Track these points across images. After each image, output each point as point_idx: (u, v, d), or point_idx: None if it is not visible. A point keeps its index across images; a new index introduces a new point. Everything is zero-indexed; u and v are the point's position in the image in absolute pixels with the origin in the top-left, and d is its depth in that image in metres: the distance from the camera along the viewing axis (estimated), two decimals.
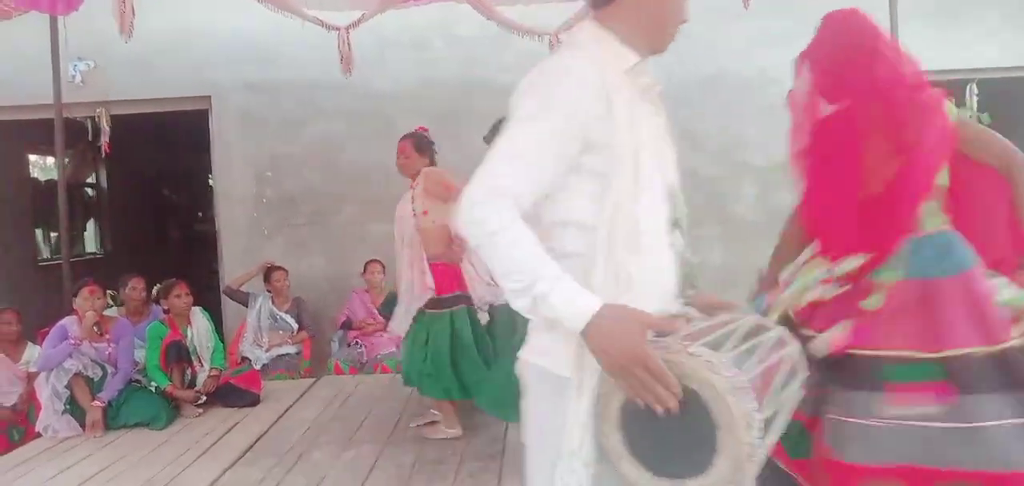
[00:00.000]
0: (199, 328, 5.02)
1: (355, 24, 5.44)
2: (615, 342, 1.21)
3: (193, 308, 5.06)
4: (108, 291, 4.95)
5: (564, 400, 1.30)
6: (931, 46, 6.09)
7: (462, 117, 6.26)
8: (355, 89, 5.96)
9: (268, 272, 6.07)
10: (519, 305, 1.29)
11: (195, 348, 4.94)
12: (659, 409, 1.19)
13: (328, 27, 5.40)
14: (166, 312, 5.03)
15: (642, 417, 1.23)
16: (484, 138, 4.11)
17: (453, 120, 6.26)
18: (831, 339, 1.92)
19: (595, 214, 1.32)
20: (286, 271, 6.10)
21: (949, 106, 1.99)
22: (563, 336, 1.29)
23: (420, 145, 4.14)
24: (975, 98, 6.48)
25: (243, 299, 6.02)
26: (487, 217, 1.27)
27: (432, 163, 4.14)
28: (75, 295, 4.65)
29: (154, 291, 5.40)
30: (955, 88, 6.51)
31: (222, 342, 5.34)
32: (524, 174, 1.31)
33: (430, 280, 4.02)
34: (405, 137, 4.17)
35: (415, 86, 6.33)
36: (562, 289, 1.24)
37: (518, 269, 1.26)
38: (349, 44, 5.47)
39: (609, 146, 1.32)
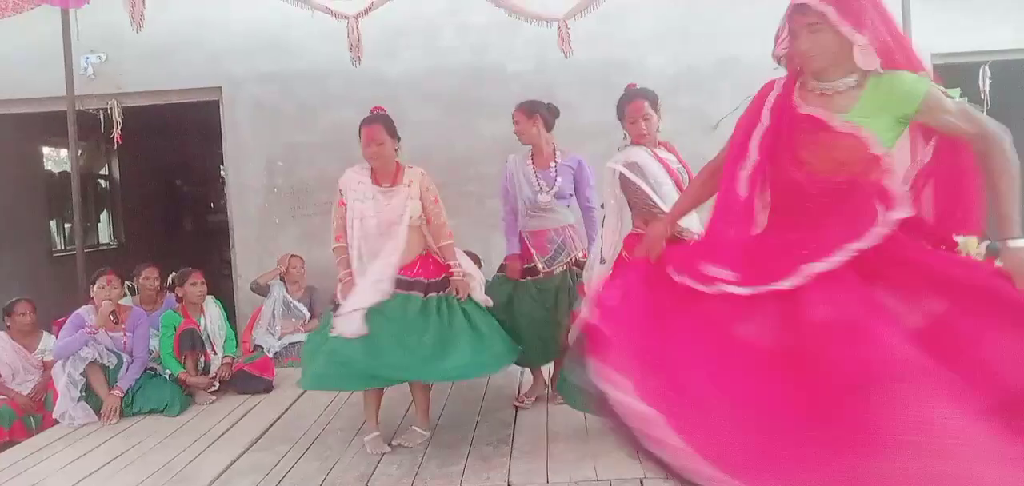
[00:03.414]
0: (212, 316, 5.06)
1: (364, 12, 5.45)
2: None
3: (206, 297, 5.10)
4: (124, 281, 4.99)
5: None
6: (943, 28, 6.05)
7: (472, 104, 6.25)
8: (366, 78, 5.96)
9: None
10: None
11: (208, 336, 4.99)
12: None
13: (337, 15, 5.41)
14: (179, 300, 5.08)
15: None
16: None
17: (464, 107, 6.25)
18: None
19: None
20: (302, 259, 6.13)
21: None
22: None
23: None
24: (988, 81, 6.37)
25: (266, 291, 6.08)
26: None
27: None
28: (93, 284, 4.70)
29: (170, 279, 5.44)
30: (967, 71, 6.44)
31: (234, 330, 5.39)
32: None
33: None
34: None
35: (425, 74, 6.33)
36: None
37: None
38: (358, 32, 5.47)
39: None
